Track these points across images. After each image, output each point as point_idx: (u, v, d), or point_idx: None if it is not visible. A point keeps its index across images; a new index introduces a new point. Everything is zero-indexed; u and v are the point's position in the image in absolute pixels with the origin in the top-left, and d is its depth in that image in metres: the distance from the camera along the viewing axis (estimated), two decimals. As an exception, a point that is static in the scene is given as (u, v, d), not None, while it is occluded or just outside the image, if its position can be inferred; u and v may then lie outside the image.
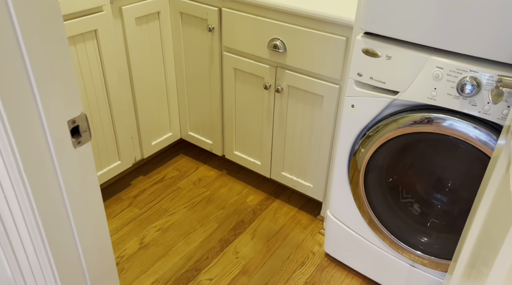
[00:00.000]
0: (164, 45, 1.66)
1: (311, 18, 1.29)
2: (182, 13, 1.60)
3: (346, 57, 1.29)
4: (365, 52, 1.07)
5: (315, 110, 1.43)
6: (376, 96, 1.09)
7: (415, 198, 1.24)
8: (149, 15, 1.56)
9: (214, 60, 1.61)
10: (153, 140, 1.79)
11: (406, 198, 1.24)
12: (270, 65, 1.47)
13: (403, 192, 1.24)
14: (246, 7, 1.43)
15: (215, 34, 1.55)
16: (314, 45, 1.32)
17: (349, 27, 1.24)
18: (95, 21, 1.37)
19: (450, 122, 0.99)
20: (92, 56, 1.41)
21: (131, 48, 1.54)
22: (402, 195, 1.24)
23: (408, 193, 1.24)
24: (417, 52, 0.99)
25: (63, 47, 0.56)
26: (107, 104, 1.53)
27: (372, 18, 1.03)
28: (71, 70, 0.58)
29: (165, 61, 1.69)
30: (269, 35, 1.40)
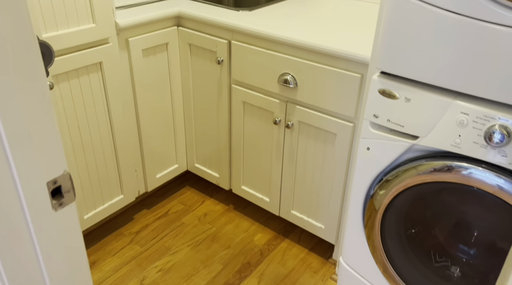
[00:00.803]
0: (172, 77, 1.61)
1: (324, 53, 1.23)
2: (191, 45, 1.56)
3: (360, 94, 1.21)
4: (381, 93, 1.00)
5: (327, 147, 1.36)
6: (393, 140, 1.01)
7: (436, 249, 1.14)
8: (157, 46, 1.52)
9: (223, 92, 1.55)
10: (158, 173, 1.72)
11: (426, 248, 1.14)
12: (280, 100, 1.40)
13: (424, 243, 1.14)
14: (256, 40, 1.38)
15: (224, 67, 1.50)
16: (327, 81, 1.25)
17: (364, 64, 1.17)
18: (101, 53, 1.33)
19: (474, 172, 0.90)
20: (96, 89, 1.37)
21: (137, 80, 1.49)
22: (423, 246, 1.14)
23: (429, 244, 1.14)
24: (439, 96, 0.91)
25: (43, 102, 0.49)
26: (111, 136, 1.47)
27: (389, 58, 0.96)
28: (52, 127, 0.51)
29: (172, 93, 1.64)
30: (280, 69, 1.34)
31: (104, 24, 1.30)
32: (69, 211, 0.57)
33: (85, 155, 1.41)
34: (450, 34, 0.85)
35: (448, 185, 0.96)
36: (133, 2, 1.51)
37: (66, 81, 1.27)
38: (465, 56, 0.85)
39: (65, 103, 1.29)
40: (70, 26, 1.22)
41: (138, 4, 1.52)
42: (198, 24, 1.50)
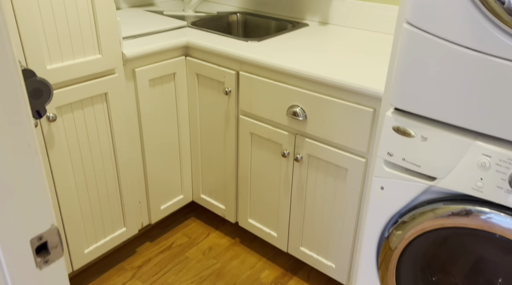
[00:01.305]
0: (179, 107, 1.58)
1: (334, 86, 1.19)
2: (199, 75, 1.53)
3: (373, 129, 1.16)
4: (396, 130, 0.95)
5: (338, 183, 1.30)
6: (409, 180, 0.95)
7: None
8: (164, 76, 1.49)
9: (230, 123, 1.52)
10: (163, 204, 1.67)
11: (445, 296, 1.06)
12: (289, 132, 1.35)
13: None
14: (264, 71, 1.34)
15: (232, 97, 1.46)
16: (338, 115, 1.20)
17: (377, 98, 1.12)
18: (106, 84, 1.30)
19: (495, 218, 0.83)
20: (101, 120, 1.34)
21: (144, 110, 1.46)
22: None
23: (447, 291, 1.06)
24: (458, 135, 0.86)
25: (29, 154, 0.45)
26: (115, 168, 1.43)
27: (403, 94, 0.91)
28: (39, 180, 0.47)
29: (179, 122, 1.61)
30: (288, 101, 1.30)
31: (111, 55, 1.28)
32: (56, 268, 0.52)
33: (87, 187, 1.37)
34: (469, 71, 0.80)
35: (469, 231, 0.89)
36: (140, 32, 1.50)
37: (70, 113, 1.24)
38: (485, 95, 0.80)
39: (68, 134, 1.26)
40: (75, 57, 1.20)
41: (146, 34, 1.50)
42: (206, 54, 1.48)
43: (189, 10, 1.82)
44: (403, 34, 0.87)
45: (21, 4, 1.04)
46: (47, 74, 1.14)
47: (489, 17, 0.75)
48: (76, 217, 1.37)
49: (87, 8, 1.18)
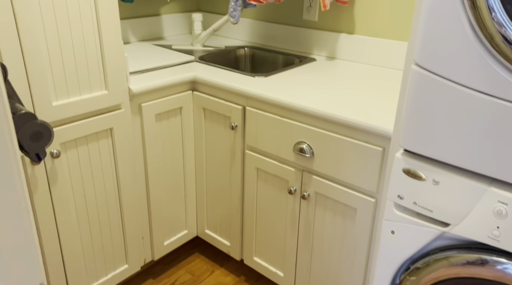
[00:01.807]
0: (184, 141, 1.57)
1: (341, 124, 1.17)
2: (205, 109, 1.53)
3: (382, 169, 1.13)
4: (406, 173, 0.91)
5: (346, 223, 1.25)
6: (421, 225, 0.91)
7: None
8: (171, 110, 1.49)
9: (236, 158, 1.49)
10: (166, 240, 1.63)
11: None
12: (295, 168, 1.32)
13: None
14: (271, 107, 1.33)
15: (238, 132, 1.45)
16: (346, 152, 1.17)
17: (386, 138, 1.09)
18: (112, 120, 1.30)
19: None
20: (105, 155, 1.32)
21: (149, 144, 1.45)
22: None
23: None
24: (471, 181, 0.82)
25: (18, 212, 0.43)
26: (118, 203, 1.41)
27: (413, 136, 0.88)
28: (29, 239, 0.45)
29: (184, 157, 1.59)
30: (295, 138, 1.28)
31: (117, 91, 1.28)
32: (43, 330, 0.49)
33: (90, 223, 1.35)
34: (481, 115, 0.77)
35: (487, 282, 0.84)
36: (148, 66, 1.50)
37: (74, 148, 1.23)
38: (500, 140, 0.76)
39: (71, 171, 1.24)
40: (82, 94, 1.20)
41: (153, 69, 1.51)
42: (213, 89, 1.48)
43: (198, 44, 1.83)
44: (411, 75, 0.85)
45: (28, 41, 1.05)
46: (53, 111, 1.14)
47: (500, 60, 0.73)
48: (77, 254, 1.34)
49: (94, 45, 1.19)
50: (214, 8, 2.10)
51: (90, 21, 1.16)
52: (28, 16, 1.03)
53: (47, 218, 1.22)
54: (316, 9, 1.72)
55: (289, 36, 1.83)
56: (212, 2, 2.09)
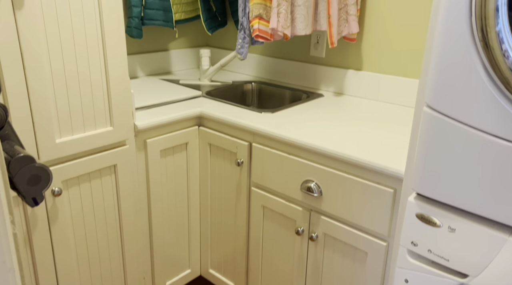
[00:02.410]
0: (189, 177, 1.54)
1: (351, 163, 1.13)
2: (211, 145, 1.51)
3: (394, 211, 1.08)
4: (420, 218, 0.87)
5: (357, 267, 1.19)
6: (437, 275, 0.86)
7: None
8: (176, 146, 1.47)
9: (242, 195, 1.45)
10: (168, 280, 1.57)
11: None
12: (303, 208, 1.28)
13: None
14: (278, 144, 1.30)
15: (244, 169, 1.42)
16: (355, 193, 1.13)
17: (398, 179, 1.05)
18: (116, 156, 1.28)
19: (545, 325, 0.72)
20: (108, 192, 1.29)
21: (153, 181, 1.42)
22: None
23: None
24: (490, 229, 0.77)
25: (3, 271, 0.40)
26: (119, 243, 1.37)
27: (427, 180, 0.84)
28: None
29: (189, 193, 1.56)
30: (303, 176, 1.25)
31: (122, 127, 1.27)
32: None
33: (90, 263, 1.30)
34: (498, 161, 0.73)
35: None
36: (155, 102, 1.50)
37: (77, 186, 1.21)
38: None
39: (73, 209, 1.21)
40: (86, 130, 1.18)
41: (159, 104, 1.50)
42: (220, 125, 1.46)
43: (205, 79, 1.84)
44: (423, 117, 0.82)
45: (34, 79, 1.04)
46: (56, 148, 1.12)
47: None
48: (75, 296, 1.29)
49: (101, 82, 1.18)
50: (221, 43, 2.12)
51: (97, 58, 1.16)
52: (34, 53, 1.03)
53: (45, 258, 1.18)
54: (324, 46, 1.72)
55: (296, 72, 1.83)
56: (220, 38, 2.12)
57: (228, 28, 2.06)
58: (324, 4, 1.50)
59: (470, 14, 0.71)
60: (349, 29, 1.52)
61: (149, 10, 1.73)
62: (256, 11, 1.38)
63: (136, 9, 1.68)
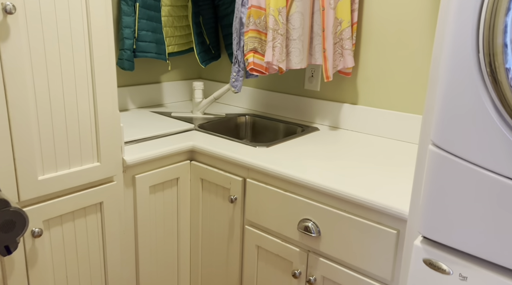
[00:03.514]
0: (180, 213, 1.46)
1: (351, 202, 1.08)
2: (203, 180, 1.44)
3: (397, 254, 1.02)
4: (427, 264, 0.81)
5: (358, 313, 1.12)
6: (449, 328, 0.79)
7: None
8: (167, 181, 1.40)
9: (235, 233, 1.38)
10: (156, 325, 1.47)
11: None
12: (300, 249, 1.21)
13: None
14: (273, 180, 1.25)
15: (238, 205, 1.35)
16: (356, 234, 1.07)
17: (401, 219, 1.00)
18: (103, 193, 1.21)
19: None
20: (93, 232, 1.22)
21: (141, 218, 1.34)
22: None
23: None
24: (506, 279, 0.71)
25: None
26: None
27: (434, 223, 0.79)
28: None
29: (179, 231, 1.48)
30: (300, 214, 1.19)
31: (110, 163, 1.21)
32: None
33: (70, 310, 1.20)
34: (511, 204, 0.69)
35: None
36: (145, 135, 1.45)
37: (59, 226, 1.13)
38: (538, 232, 0.67)
39: (54, 250, 1.13)
40: (71, 166, 1.12)
41: (150, 138, 1.45)
42: (212, 159, 1.41)
43: (198, 112, 1.80)
44: (429, 156, 0.78)
45: (17, 113, 0.99)
46: (38, 186, 1.05)
47: (532, 145, 0.66)
48: None
49: (88, 115, 1.13)
50: (215, 76, 2.10)
51: (85, 91, 1.11)
52: (19, 86, 0.98)
53: (22, 305, 1.09)
54: (318, 79, 1.71)
55: (290, 105, 1.80)
56: (213, 71, 2.10)
57: (222, 61, 2.05)
58: (319, 38, 1.49)
59: (477, 50, 0.68)
60: (344, 63, 1.50)
61: (142, 42, 1.71)
62: (251, 45, 1.37)
63: (128, 42, 1.66)
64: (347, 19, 1.46)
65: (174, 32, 1.84)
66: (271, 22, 1.32)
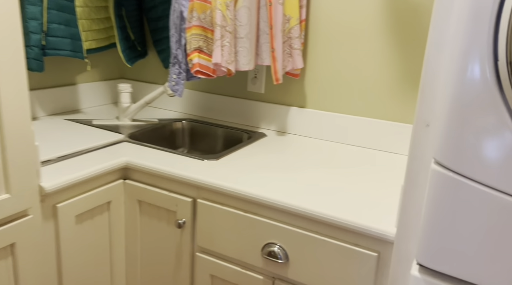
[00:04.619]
0: (113, 244, 1.23)
1: (324, 223, 0.96)
2: (141, 202, 1.23)
3: (377, 278, 0.93)
4: (430, 297, 0.72)
5: None
6: None
7: None
8: (96, 208, 1.16)
9: (183, 262, 1.19)
10: None
11: None
12: (264, 276, 1.07)
13: None
14: (230, 200, 1.09)
15: (186, 231, 1.16)
16: (330, 257, 0.96)
17: (382, 241, 0.91)
18: (14, 232, 0.94)
19: None
20: (3, 279, 0.94)
21: (66, 255, 1.09)
22: None
23: None
24: (522, 310, 0.65)
25: None
26: None
27: (437, 252, 0.70)
28: None
29: (112, 265, 1.24)
30: (264, 238, 1.04)
31: (23, 192, 0.94)
32: None
33: None
34: (533, 230, 0.62)
35: None
36: (65, 152, 1.18)
37: (-48, 285, 0.84)
38: (559, 260, 0.62)
39: None
40: (-32, 204, 0.84)
41: (72, 155, 1.19)
42: (152, 177, 1.20)
43: (125, 118, 1.55)
44: (433, 178, 0.69)
45: None
46: None
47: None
48: None
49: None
50: (141, 76, 1.85)
51: (-15, 103, 0.83)
52: None
53: None
54: (263, 81, 1.57)
55: (232, 109, 1.64)
56: (139, 70, 1.85)
57: (149, 59, 1.81)
58: (266, 37, 1.35)
59: (495, 58, 0.60)
60: (293, 64, 1.39)
61: (53, 38, 1.41)
62: (195, 43, 1.18)
63: (35, 37, 1.35)
64: (296, 16, 1.34)
65: (91, 25, 1.56)
66: (219, 18, 1.15)
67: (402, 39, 1.31)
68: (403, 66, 1.33)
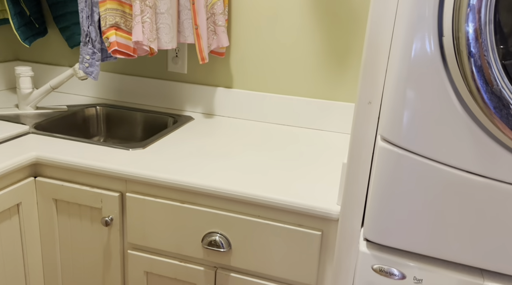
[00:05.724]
0: (27, 251, 1.07)
1: (265, 206, 0.94)
2: (58, 201, 1.08)
3: (322, 256, 0.94)
4: (378, 272, 0.74)
5: (279, 324, 1.01)
6: (403, 332, 0.75)
7: None
8: (3, 212, 0.99)
9: (113, 262, 1.09)
10: None
11: None
12: (205, 267, 1.02)
13: None
14: (164, 191, 1.01)
15: (115, 228, 1.06)
16: (273, 240, 0.95)
17: (324, 219, 0.92)
18: None
19: None
20: None
21: (-31, 275, 0.92)
22: None
23: None
24: (461, 275, 0.70)
25: None
26: None
27: (384, 227, 0.72)
28: None
29: (28, 275, 1.09)
30: (203, 228, 0.99)
31: None
32: None
33: None
34: (473, 200, 0.66)
35: None
36: (-44, 151, 0.98)
37: None
38: (493, 225, 0.66)
39: None
40: None
41: (-35, 153, 0.99)
42: (68, 172, 1.06)
43: (27, 106, 1.35)
44: (380, 155, 0.69)
45: None
46: None
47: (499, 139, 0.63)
48: None
49: None
50: (41, 57, 1.62)
51: None
52: None
53: None
54: (185, 60, 1.48)
55: (152, 91, 1.52)
56: (38, 50, 1.61)
57: (49, 37, 1.59)
58: (188, 12, 1.26)
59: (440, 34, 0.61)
60: (218, 42, 1.32)
61: None
62: (111, 20, 1.04)
63: None
64: (219, -9, 1.27)
65: (-27, -5, 1.31)
66: (136, -10, 1.03)
67: (328, 15, 1.32)
68: (329, 43, 1.34)
